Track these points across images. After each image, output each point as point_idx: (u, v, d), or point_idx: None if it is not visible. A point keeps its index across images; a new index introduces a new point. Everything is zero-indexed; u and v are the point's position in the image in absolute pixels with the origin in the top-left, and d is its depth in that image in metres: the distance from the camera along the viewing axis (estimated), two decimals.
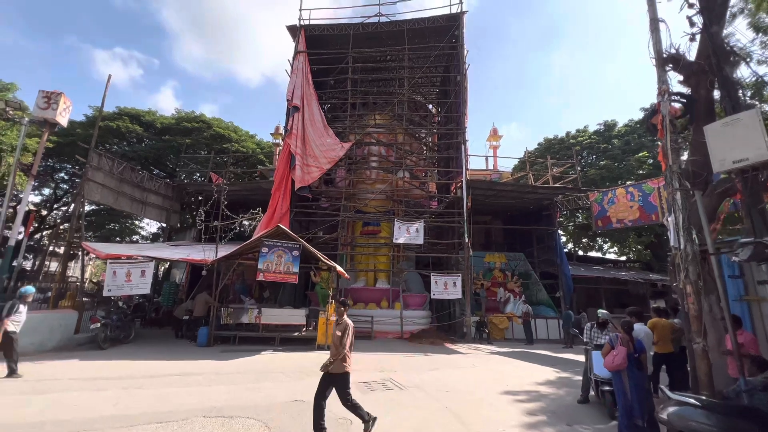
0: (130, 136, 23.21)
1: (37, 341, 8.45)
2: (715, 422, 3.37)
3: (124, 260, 10.44)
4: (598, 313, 6.38)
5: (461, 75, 16.12)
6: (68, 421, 4.36)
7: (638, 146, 21.63)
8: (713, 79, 6.02)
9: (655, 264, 21.03)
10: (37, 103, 10.93)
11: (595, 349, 5.82)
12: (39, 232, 25.40)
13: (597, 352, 5.69)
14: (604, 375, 5.35)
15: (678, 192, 4.85)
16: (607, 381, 5.35)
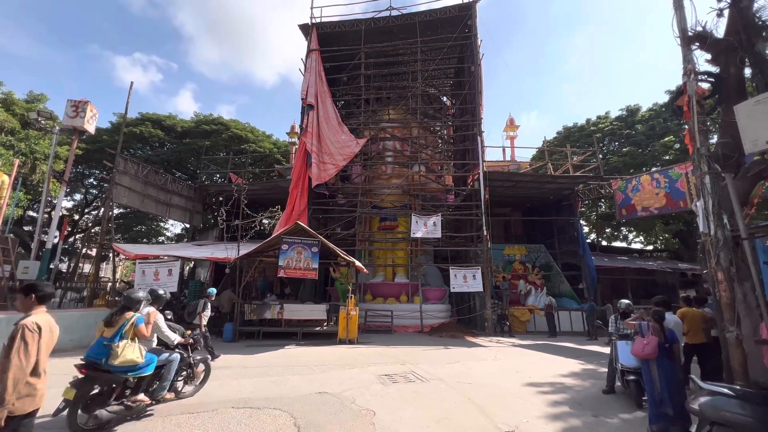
0: (153, 140, 24.03)
1: (76, 338, 8.94)
2: (751, 412, 3.25)
3: (152, 260, 10.86)
4: (619, 303, 6.33)
5: (475, 65, 15.88)
6: None
7: (663, 131, 20.75)
8: (744, 56, 5.71)
9: (684, 253, 20.23)
10: (66, 112, 11.46)
11: (620, 339, 5.72)
12: (72, 236, 26.69)
13: (622, 341, 5.60)
14: (630, 364, 5.27)
15: (707, 176, 4.65)
16: (632, 370, 5.26)
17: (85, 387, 3.94)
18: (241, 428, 4.18)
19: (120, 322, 4.11)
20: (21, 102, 18.50)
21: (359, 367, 7.45)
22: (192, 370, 5.20)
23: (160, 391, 4.49)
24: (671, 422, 4.16)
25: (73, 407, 3.86)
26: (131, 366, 4.05)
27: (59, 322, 8.14)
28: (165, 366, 4.56)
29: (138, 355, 4.08)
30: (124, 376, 4.10)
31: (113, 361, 3.92)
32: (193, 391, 5.23)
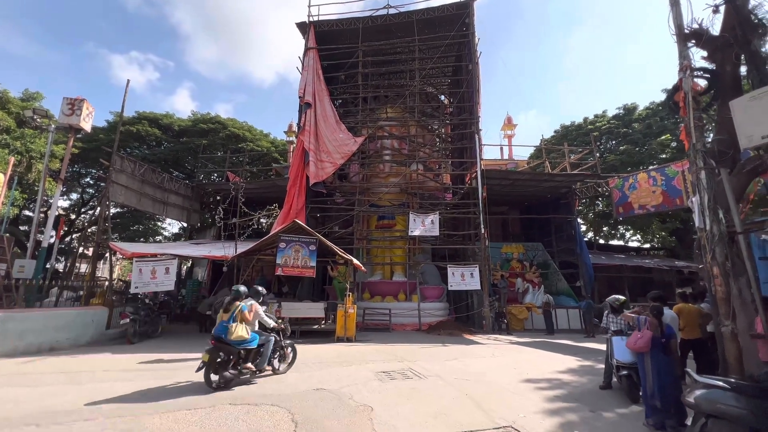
0: (150, 139, 23.91)
1: (72, 336, 8.90)
2: (745, 404, 3.27)
3: (149, 258, 10.82)
4: (609, 300, 6.36)
5: (473, 64, 15.88)
6: (104, 408, 4.60)
7: (660, 129, 20.84)
8: (739, 52, 5.74)
9: (681, 251, 20.33)
10: (62, 109, 11.40)
11: (614, 334, 5.76)
12: (69, 235, 26.56)
13: (617, 337, 5.63)
14: (624, 360, 5.30)
15: (703, 171, 4.67)
16: (626, 366, 5.28)
17: (214, 354, 5.49)
18: (239, 424, 4.18)
19: (232, 309, 5.74)
20: (16, 100, 18.38)
21: (357, 365, 7.45)
22: (283, 351, 6.65)
23: (262, 363, 5.96)
24: (666, 416, 4.18)
25: (207, 368, 5.42)
26: (242, 340, 5.64)
27: (55, 320, 8.18)
28: (264, 344, 6.05)
29: (245, 332, 5.68)
30: (237, 348, 5.65)
31: (230, 336, 5.54)
32: (285, 368, 6.62)
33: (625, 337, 5.51)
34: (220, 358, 5.55)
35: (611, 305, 6.26)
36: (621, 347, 5.45)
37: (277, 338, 6.41)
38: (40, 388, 5.52)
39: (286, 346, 6.67)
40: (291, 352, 6.81)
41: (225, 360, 5.59)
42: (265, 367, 6.06)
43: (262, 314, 6.12)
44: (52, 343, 8.44)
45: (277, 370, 6.41)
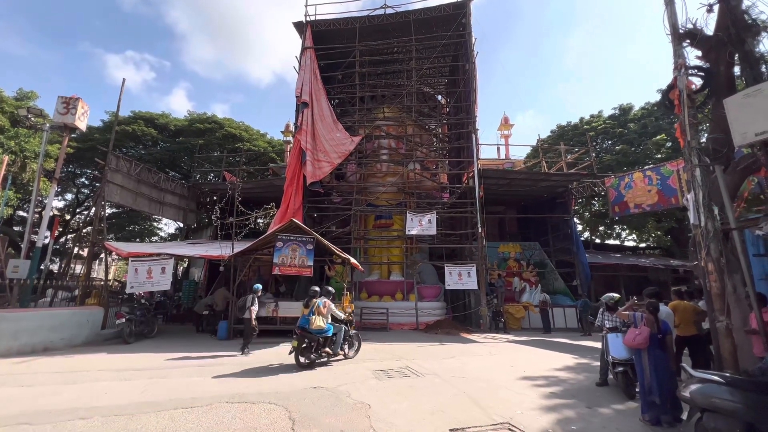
0: (146, 139, 23.76)
1: (66, 336, 8.83)
2: (740, 398, 3.30)
3: (145, 258, 10.75)
4: (604, 298, 6.42)
5: (470, 63, 15.92)
6: (99, 407, 4.56)
7: (656, 129, 20.97)
8: (733, 51, 5.79)
9: (676, 250, 20.46)
10: (57, 108, 11.31)
11: (609, 332, 5.79)
12: (64, 236, 26.35)
13: (612, 334, 5.66)
14: (620, 356, 5.35)
15: (697, 168, 4.71)
16: (622, 362, 5.32)
17: (300, 340, 6.94)
18: (236, 422, 4.16)
19: (311, 305, 7.13)
20: (10, 100, 18.20)
21: (354, 363, 7.44)
22: (351, 339, 8.06)
23: (336, 348, 7.39)
24: (662, 411, 4.21)
25: (296, 351, 6.93)
26: (320, 330, 7.02)
27: (50, 321, 8.10)
28: (337, 333, 7.46)
29: (323, 323, 7.04)
30: (317, 336, 7.05)
31: (311, 327, 6.95)
32: (353, 354, 8.01)
33: (620, 334, 5.55)
34: (305, 344, 6.95)
35: (606, 303, 6.32)
36: (616, 344, 5.48)
37: (346, 329, 7.84)
38: (34, 387, 5.48)
39: (353, 335, 8.15)
40: (357, 340, 8.26)
41: (308, 345, 6.99)
42: (338, 352, 7.50)
43: (334, 309, 7.51)
44: (46, 344, 8.37)
45: (347, 354, 7.84)
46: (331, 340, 7.30)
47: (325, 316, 7.15)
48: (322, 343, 7.12)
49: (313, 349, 6.99)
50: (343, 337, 7.58)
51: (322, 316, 7.06)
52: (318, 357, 7.03)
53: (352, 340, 8.06)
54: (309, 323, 6.93)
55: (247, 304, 8.61)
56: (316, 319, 6.95)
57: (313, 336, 6.97)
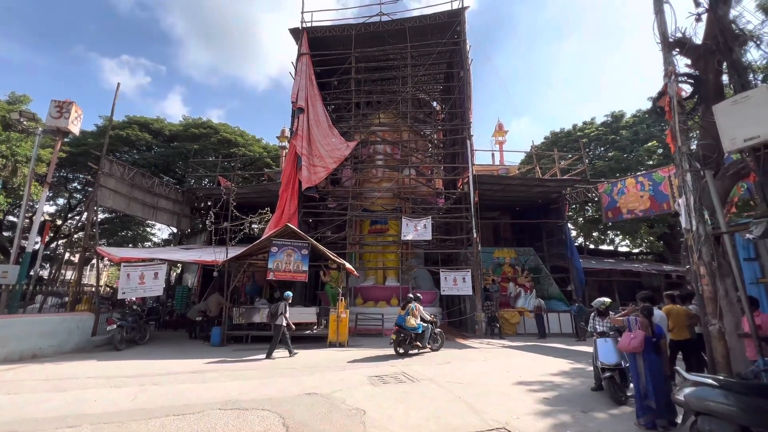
0: (140, 144, 23.64)
1: (56, 343, 8.66)
2: (734, 401, 3.32)
3: (137, 263, 10.62)
4: (595, 303, 6.35)
5: (464, 70, 16.09)
6: (89, 415, 4.47)
7: (647, 136, 21.30)
8: (721, 60, 5.92)
9: (668, 255, 20.68)
10: (50, 112, 11.21)
11: (599, 337, 5.76)
12: (54, 241, 25.98)
13: (601, 339, 5.64)
14: (608, 362, 5.32)
15: (688, 173, 4.78)
16: (610, 367, 5.29)
17: (398, 335, 9.01)
18: (228, 429, 4.10)
19: (406, 307, 9.07)
20: (2, 103, 18.04)
21: (349, 369, 7.38)
22: (436, 336, 9.75)
23: (424, 343, 9.24)
24: (658, 415, 4.21)
25: (395, 343, 8.99)
26: (412, 327, 8.95)
27: (38, 327, 7.95)
28: (425, 331, 9.24)
29: (414, 323, 8.97)
30: (410, 332, 8.99)
31: (406, 325, 8.92)
32: (437, 348, 9.67)
33: (608, 339, 5.53)
34: (401, 337, 8.98)
35: (597, 308, 6.26)
36: (605, 349, 5.45)
37: (432, 328, 9.55)
38: (21, 395, 5.36)
39: (437, 333, 9.82)
40: (441, 338, 9.88)
41: (403, 339, 9.00)
42: (426, 345, 9.30)
43: (423, 312, 9.48)
44: (35, 350, 8.21)
45: (432, 348, 9.58)
46: (421, 336, 9.18)
47: (416, 317, 9.05)
48: (414, 337, 9.06)
49: (407, 342, 9.02)
50: (429, 334, 9.40)
51: (415, 317, 8.99)
52: (410, 348, 9.04)
53: (436, 337, 9.79)
54: (405, 322, 8.94)
55: (279, 311, 9.01)
56: (410, 319, 8.91)
57: (407, 332, 8.99)
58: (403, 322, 8.90)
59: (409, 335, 8.95)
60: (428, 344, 9.40)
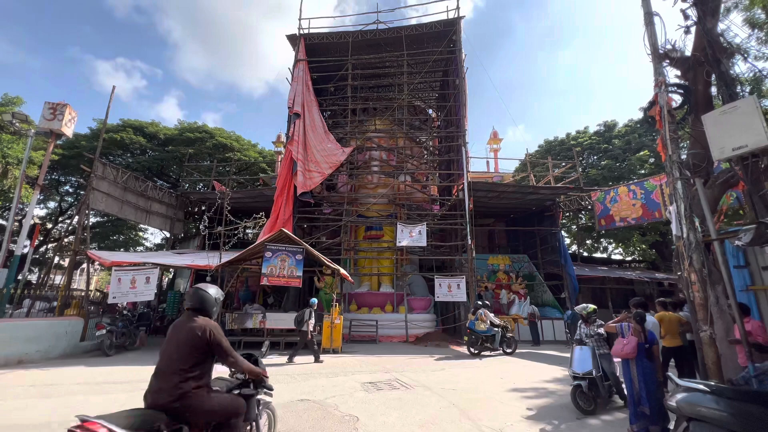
0: (134, 147, 23.47)
1: (43, 348, 8.48)
2: (724, 407, 3.33)
3: (129, 267, 10.50)
4: (578, 308, 6.21)
5: (460, 78, 16.28)
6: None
7: (639, 146, 21.61)
8: (709, 70, 6.06)
9: (660, 263, 20.87)
10: (43, 114, 11.12)
11: (576, 344, 5.69)
12: (44, 245, 25.58)
13: (578, 347, 5.55)
14: (579, 370, 5.26)
15: (679, 181, 4.86)
16: (580, 376, 5.22)
17: (469, 337, 10.16)
18: None
19: (476, 313, 10.25)
20: None
21: (343, 375, 7.31)
22: (509, 341, 10.49)
23: (495, 345, 10.16)
24: (650, 421, 4.22)
25: (467, 344, 10.24)
26: (482, 330, 10.07)
27: (24, 331, 7.78)
28: (495, 334, 10.17)
29: (484, 327, 10.06)
30: (481, 335, 10.05)
31: (476, 328, 10.10)
32: (512, 351, 10.37)
33: (584, 347, 5.45)
34: (472, 339, 10.05)
35: (580, 314, 6.06)
36: (579, 357, 5.38)
37: (503, 332, 10.39)
38: (5, 401, 5.23)
39: (509, 338, 10.53)
40: (513, 342, 10.57)
41: (474, 341, 10.02)
42: (497, 348, 10.20)
43: (492, 317, 10.46)
44: (21, 356, 8.03)
45: (505, 351, 10.30)
46: (491, 338, 10.09)
47: (485, 321, 10.08)
48: (485, 339, 10.05)
49: (478, 343, 9.96)
50: (501, 338, 10.24)
51: (483, 322, 10.05)
52: (482, 349, 10.00)
53: (509, 341, 10.48)
54: (474, 326, 10.08)
55: (305, 317, 9.18)
56: (479, 323, 10.03)
57: (478, 335, 10.01)
58: (473, 325, 10.06)
59: (479, 337, 9.98)
60: (501, 347, 10.24)
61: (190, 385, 2.31)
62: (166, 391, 2.27)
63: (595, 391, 5.18)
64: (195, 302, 2.59)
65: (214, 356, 2.47)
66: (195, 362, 2.36)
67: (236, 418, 2.55)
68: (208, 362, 2.46)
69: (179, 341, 2.39)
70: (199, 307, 2.59)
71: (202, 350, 2.39)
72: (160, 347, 2.45)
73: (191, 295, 2.61)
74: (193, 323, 2.44)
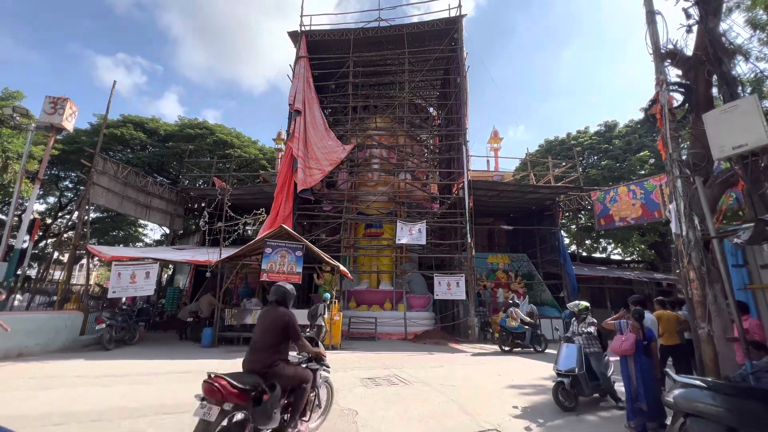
0: (134, 143, 23.44)
1: (42, 342, 8.49)
2: (721, 402, 3.36)
3: (129, 262, 10.51)
4: (570, 305, 6.18)
5: (461, 77, 16.27)
6: (76, 413, 4.39)
7: (639, 146, 21.64)
8: (711, 70, 6.07)
9: (659, 264, 20.91)
10: (44, 108, 11.13)
11: (565, 341, 5.70)
12: (44, 240, 25.58)
13: (565, 344, 5.58)
14: (562, 367, 5.28)
15: (679, 179, 4.87)
16: (562, 374, 5.22)
17: (500, 334, 10.76)
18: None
19: (507, 311, 10.72)
20: None
21: (342, 371, 7.33)
22: (539, 339, 10.76)
23: (525, 342, 10.50)
24: (648, 418, 4.25)
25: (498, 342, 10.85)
26: (513, 328, 10.46)
27: (24, 324, 7.81)
28: (525, 332, 10.51)
29: (514, 324, 10.43)
30: (512, 333, 10.47)
31: (507, 325, 10.55)
32: (543, 349, 10.57)
33: (570, 345, 5.48)
34: (503, 335, 10.56)
35: (572, 311, 6.07)
36: (564, 354, 5.39)
37: (533, 330, 10.67)
38: (5, 393, 5.24)
39: (541, 335, 10.86)
40: (544, 341, 10.77)
41: (505, 337, 10.52)
42: (528, 345, 10.48)
43: (522, 315, 10.63)
44: (20, 349, 8.04)
45: (536, 349, 10.54)
46: (522, 336, 10.45)
47: (516, 319, 10.43)
48: (515, 337, 10.42)
49: (509, 340, 10.41)
50: (531, 337, 10.52)
51: (514, 320, 10.42)
52: (513, 346, 10.39)
53: (539, 339, 10.74)
54: (505, 323, 10.50)
55: (319, 312, 9.36)
56: (510, 321, 10.46)
57: (509, 332, 10.42)
58: (504, 323, 10.53)
59: (510, 335, 10.38)
60: (532, 345, 10.51)
61: (275, 357, 3.19)
62: (260, 362, 3.14)
63: (578, 389, 5.16)
64: (278, 296, 3.46)
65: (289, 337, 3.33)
66: (278, 341, 3.25)
67: (306, 384, 3.43)
68: (286, 341, 3.34)
69: (267, 326, 3.28)
70: (281, 300, 3.44)
71: (282, 333, 3.26)
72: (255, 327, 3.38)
73: (275, 291, 3.49)
74: (277, 312, 3.33)
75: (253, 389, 2.95)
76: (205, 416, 2.73)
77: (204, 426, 2.73)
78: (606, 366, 5.46)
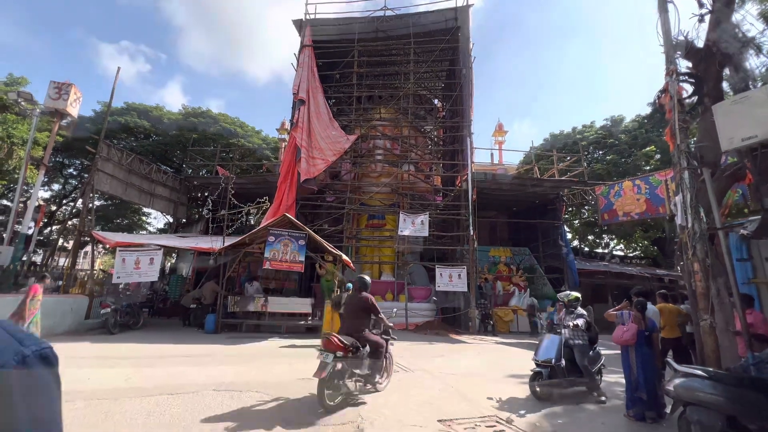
0: (138, 131, 23.45)
1: (48, 324, 8.55)
2: (722, 392, 3.38)
3: (133, 248, 10.58)
4: (560, 295, 6.05)
5: (467, 68, 16.10)
6: (82, 391, 4.47)
7: (645, 141, 21.44)
8: (722, 61, 5.98)
9: (662, 260, 20.88)
10: (49, 93, 11.12)
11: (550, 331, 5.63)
12: (48, 227, 25.76)
13: (548, 335, 5.52)
14: (540, 357, 5.22)
15: (686, 171, 4.84)
16: (541, 363, 5.15)
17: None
18: (223, 408, 4.11)
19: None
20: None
21: None
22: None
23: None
24: (647, 407, 4.28)
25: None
26: None
27: None
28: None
29: None
30: None
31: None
32: None
33: (555, 336, 5.38)
34: None
35: (561, 301, 5.93)
36: (546, 344, 5.30)
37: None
38: None
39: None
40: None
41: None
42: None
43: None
44: None
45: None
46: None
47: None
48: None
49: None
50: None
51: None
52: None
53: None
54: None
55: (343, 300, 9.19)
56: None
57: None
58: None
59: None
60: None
61: (362, 327, 4.71)
62: (353, 328, 4.67)
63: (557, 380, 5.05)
64: (361, 285, 4.99)
65: (371, 313, 4.83)
66: (363, 316, 4.80)
67: (382, 348, 4.79)
68: (368, 316, 4.84)
69: (355, 304, 4.87)
70: (362, 287, 4.95)
71: (367, 310, 4.80)
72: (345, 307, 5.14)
73: (358, 280, 5.10)
74: (362, 296, 4.83)
75: (351, 346, 4.34)
76: (325, 359, 4.17)
77: (323, 366, 4.13)
78: (593, 360, 5.30)
